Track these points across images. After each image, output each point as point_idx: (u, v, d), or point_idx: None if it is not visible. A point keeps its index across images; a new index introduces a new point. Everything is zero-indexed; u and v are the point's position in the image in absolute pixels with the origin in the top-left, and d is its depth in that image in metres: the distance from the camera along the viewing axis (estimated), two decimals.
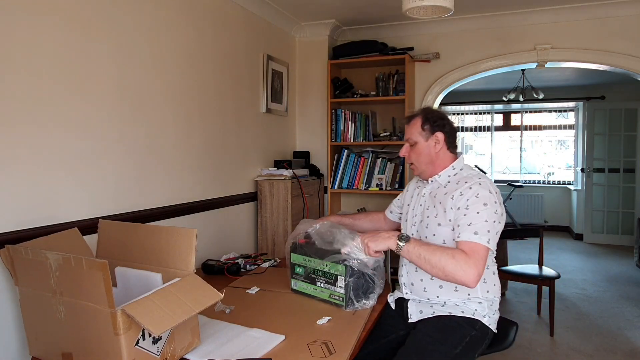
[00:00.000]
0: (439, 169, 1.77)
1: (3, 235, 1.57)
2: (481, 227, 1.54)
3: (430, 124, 1.76)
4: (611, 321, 3.58)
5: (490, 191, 1.62)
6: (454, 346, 1.58)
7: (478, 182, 1.64)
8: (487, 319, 1.67)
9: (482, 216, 1.56)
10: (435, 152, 1.76)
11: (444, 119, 1.79)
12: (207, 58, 2.69)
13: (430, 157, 1.77)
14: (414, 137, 1.79)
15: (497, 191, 1.66)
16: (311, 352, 1.38)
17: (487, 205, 1.58)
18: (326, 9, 3.45)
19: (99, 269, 1.16)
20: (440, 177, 1.77)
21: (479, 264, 1.50)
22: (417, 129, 1.78)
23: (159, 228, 1.50)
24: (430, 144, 1.77)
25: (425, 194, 1.80)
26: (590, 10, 3.36)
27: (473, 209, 1.58)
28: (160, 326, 1.14)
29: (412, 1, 2.24)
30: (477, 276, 1.49)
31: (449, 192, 1.68)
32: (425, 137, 1.77)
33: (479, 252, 1.52)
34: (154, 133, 2.29)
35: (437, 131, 1.76)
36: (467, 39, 3.70)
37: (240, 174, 3.09)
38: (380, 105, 3.86)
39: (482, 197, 1.59)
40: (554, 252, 5.97)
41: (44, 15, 1.71)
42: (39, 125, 1.70)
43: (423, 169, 1.80)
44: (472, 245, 1.53)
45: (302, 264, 1.85)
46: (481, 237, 1.53)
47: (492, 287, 1.70)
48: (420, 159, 1.79)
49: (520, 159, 7.89)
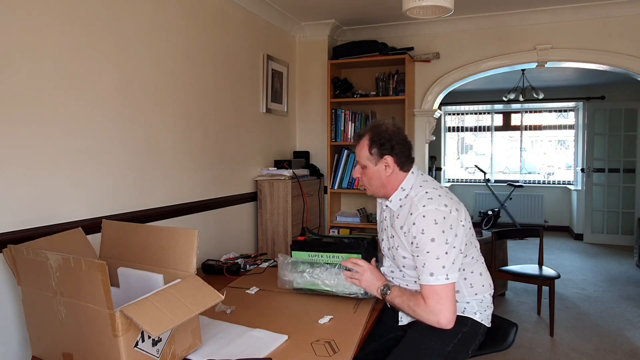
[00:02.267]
0: (392, 191, 1.70)
1: (5, 235, 1.57)
2: (434, 266, 1.52)
3: (378, 147, 1.66)
4: (611, 321, 3.58)
5: (435, 221, 1.53)
6: (446, 343, 1.59)
7: (422, 213, 1.55)
8: (479, 315, 1.67)
9: (432, 255, 1.52)
10: (387, 175, 1.68)
11: (391, 140, 1.66)
12: (207, 58, 2.69)
13: (381, 180, 1.69)
14: (362, 161, 1.70)
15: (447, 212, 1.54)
16: (315, 351, 1.38)
17: (435, 240, 1.52)
18: (326, 9, 3.45)
19: (97, 269, 1.16)
20: (391, 203, 1.70)
21: (444, 305, 1.52)
22: (365, 153, 1.68)
23: (160, 228, 1.51)
24: (380, 168, 1.67)
25: (386, 218, 1.76)
26: (590, 10, 3.36)
27: (422, 247, 1.54)
28: (159, 327, 1.14)
29: (412, 1, 2.24)
30: (447, 318, 1.52)
31: (401, 223, 1.63)
32: (374, 162, 1.68)
33: (439, 293, 1.52)
34: (154, 133, 2.28)
35: (386, 154, 1.66)
36: (467, 39, 3.69)
37: (240, 174, 3.09)
38: (380, 105, 3.86)
39: (428, 232, 1.52)
40: (554, 252, 5.97)
41: (44, 15, 1.71)
42: (40, 125, 1.70)
43: (375, 192, 1.74)
44: (430, 288, 1.53)
45: (307, 261, 1.83)
46: (437, 277, 1.52)
47: (480, 288, 1.69)
48: (372, 183, 1.71)
49: (520, 159, 7.89)
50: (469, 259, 1.67)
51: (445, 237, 1.53)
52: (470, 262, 1.68)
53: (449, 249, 1.53)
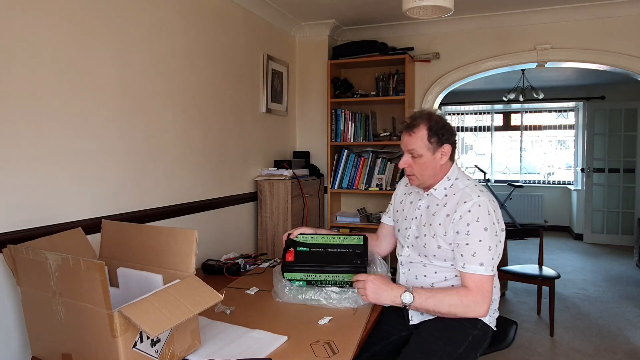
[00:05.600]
0: (438, 180, 1.70)
1: (5, 235, 1.57)
2: (485, 257, 1.55)
3: (439, 136, 1.64)
4: (611, 321, 3.58)
5: (489, 212, 1.57)
6: (457, 345, 1.59)
7: (477, 202, 1.57)
8: (488, 318, 1.67)
9: (484, 244, 1.55)
10: (440, 164, 1.67)
11: (449, 129, 1.68)
12: (207, 58, 2.69)
13: (435, 170, 1.68)
14: (418, 150, 1.65)
15: (496, 207, 1.61)
16: (314, 352, 1.38)
17: (488, 230, 1.55)
18: (326, 9, 3.45)
19: (96, 270, 1.16)
20: (436, 191, 1.70)
21: (487, 297, 1.55)
22: (423, 142, 1.64)
23: (160, 229, 1.50)
24: (437, 156, 1.66)
25: (421, 207, 1.74)
26: (590, 10, 3.36)
27: (475, 235, 1.55)
28: (157, 328, 1.14)
29: (412, 1, 2.24)
30: (487, 309, 1.56)
31: (448, 212, 1.63)
32: (433, 151, 1.65)
33: (484, 284, 1.55)
34: (154, 133, 2.28)
35: (445, 143, 1.66)
36: (467, 39, 3.69)
37: (240, 174, 3.09)
38: (380, 105, 3.86)
39: (483, 221, 1.56)
40: (554, 252, 5.97)
41: (44, 14, 1.70)
42: (40, 125, 1.70)
43: (425, 181, 1.70)
44: (478, 278, 1.55)
45: (302, 279, 1.76)
46: (487, 268, 1.55)
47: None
48: (424, 172, 1.68)
49: (520, 159, 7.89)
50: None
51: (495, 230, 1.57)
52: None
53: (498, 242, 1.58)
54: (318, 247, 1.81)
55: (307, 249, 1.80)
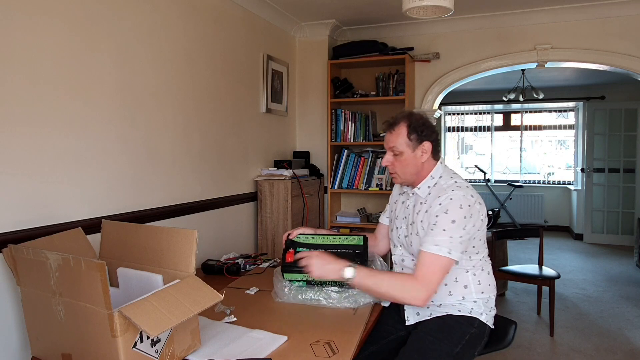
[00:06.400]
0: (422, 178, 1.72)
1: (5, 235, 1.57)
2: (442, 239, 1.53)
3: (418, 133, 1.67)
4: (611, 321, 3.58)
5: (461, 206, 1.56)
6: (454, 344, 1.59)
7: (450, 196, 1.57)
8: (485, 316, 1.67)
9: (447, 233, 1.54)
10: (421, 162, 1.69)
11: (429, 127, 1.70)
12: (206, 58, 2.69)
13: (417, 167, 1.69)
14: (399, 147, 1.68)
15: (472, 202, 1.59)
16: (314, 352, 1.38)
17: (455, 222, 1.54)
18: (326, 9, 3.45)
19: (96, 269, 1.16)
20: (420, 190, 1.71)
21: (430, 287, 1.52)
22: (403, 139, 1.68)
23: (159, 229, 1.50)
24: (417, 154, 1.68)
25: (409, 207, 1.76)
26: (590, 10, 3.36)
27: (440, 225, 1.55)
28: (157, 327, 1.14)
29: (412, 1, 2.24)
30: (426, 298, 1.52)
31: (426, 208, 1.64)
32: (412, 148, 1.68)
33: (435, 266, 1.52)
34: (153, 133, 2.28)
35: (425, 141, 1.68)
36: (467, 39, 3.69)
37: (240, 174, 3.09)
38: (380, 105, 3.86)
39: (451, 213, 1.55)
40: (554, 252, 5.97)
41: (43, 16, 1.71)
42: (40, 125, 1.70)
43: (407, 179, 1.73)
44: (429, 257, 1.53)
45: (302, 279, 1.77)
46: (441, 248, 1.53)
47: (487, 287, 1.71)
48: (405, 170, 1.70)
49: (520, 159, 7.89)
50: (480, 257, 1.69)
51: (465, 223, 1.56)
52: (481, 260, 1.70)
53: (464, 234, 1.56)
54: (318, 248, 1.81)
55: (307, 249, 1.80)
